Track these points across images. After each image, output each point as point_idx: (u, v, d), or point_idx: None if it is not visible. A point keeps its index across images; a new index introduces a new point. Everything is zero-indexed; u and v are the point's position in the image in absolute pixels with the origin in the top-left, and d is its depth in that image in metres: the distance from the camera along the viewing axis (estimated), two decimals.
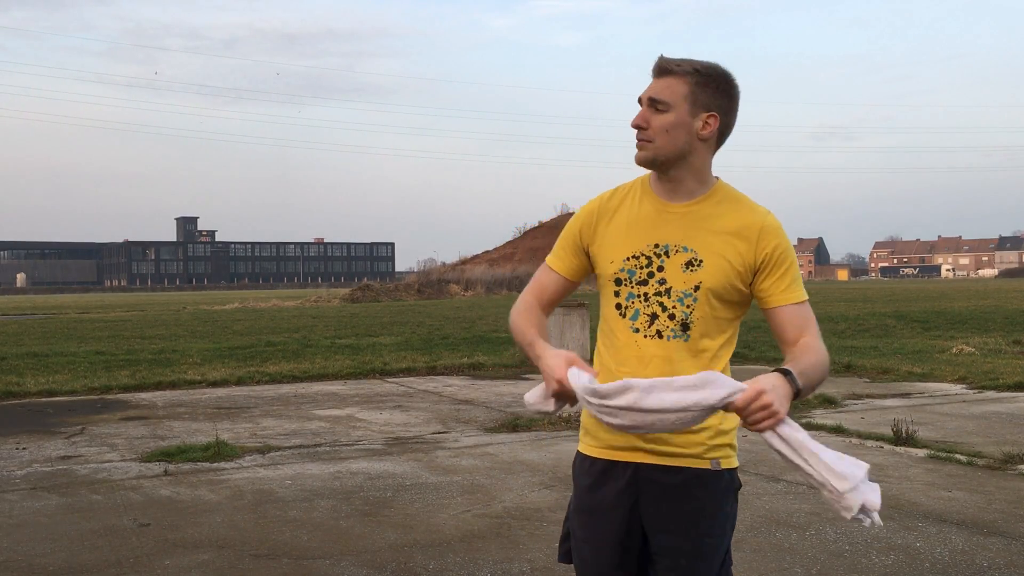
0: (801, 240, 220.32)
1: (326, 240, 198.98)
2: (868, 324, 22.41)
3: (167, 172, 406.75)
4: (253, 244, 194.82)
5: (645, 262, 2.27)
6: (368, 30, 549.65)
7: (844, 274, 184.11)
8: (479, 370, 13.97)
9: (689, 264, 2.25)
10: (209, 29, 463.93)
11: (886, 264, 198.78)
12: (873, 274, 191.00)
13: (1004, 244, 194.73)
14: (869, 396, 10.45)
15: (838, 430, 8.12)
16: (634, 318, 2.28)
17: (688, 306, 2.25)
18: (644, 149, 2.25)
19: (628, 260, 2.29)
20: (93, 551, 4.98)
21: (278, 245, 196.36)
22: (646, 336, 2.26)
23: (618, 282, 2.30)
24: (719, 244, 2.24)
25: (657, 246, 2.27)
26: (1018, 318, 23.56)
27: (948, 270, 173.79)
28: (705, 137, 2.24)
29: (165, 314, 37.58)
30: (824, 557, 4.70)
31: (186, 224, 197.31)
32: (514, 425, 8.70)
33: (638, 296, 2.28)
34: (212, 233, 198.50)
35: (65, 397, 11.41)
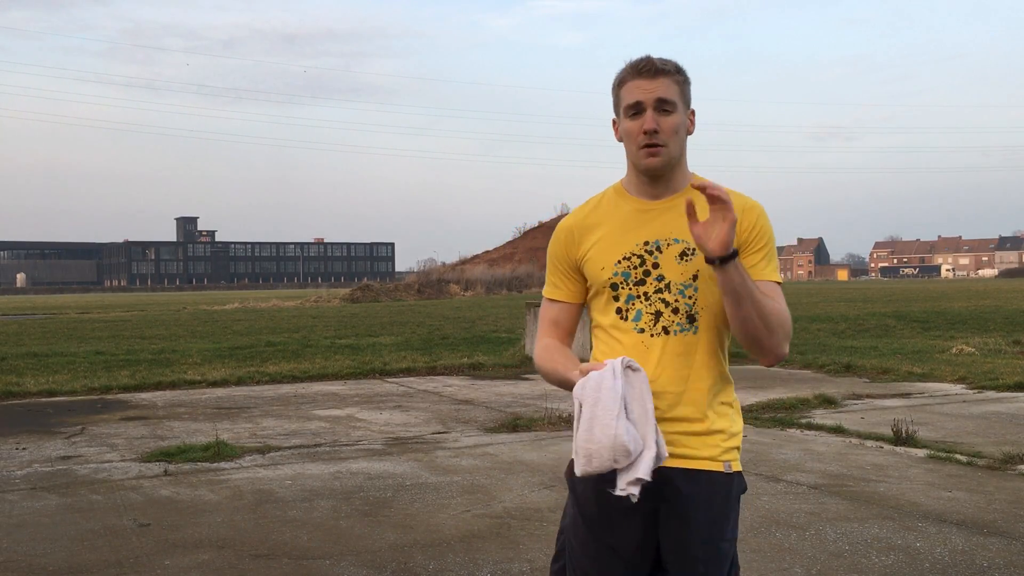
0: (801, 240, 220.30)
1: (326, 240, 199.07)
2: (868, 324, 22.41)
3: (167, 172, 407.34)
4: (253, 244, 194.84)
5: (638, 261, 2.25)
6: (367, 30, 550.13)
7: (844, 274, 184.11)
8: (479, 370, 13.97)
9: (683, 255, 2.23)
10: (208, 29, 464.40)
11: (886, 264, 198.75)
12: (873, 274, 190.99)
13: (1004, 244, 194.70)
14: (869, 396, 10.45)
15: (838, 430, 8.12)
16: (637, 319, 2.25)
17: (690, 297, 2.23)
18: (659, 155, 2.21)
19: (620, 263, 2.26)
20: (93, 551, 4.98)
21: (278, 245, 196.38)
22: (652, 335, 2.23)
23: (614, 287, 2.27)
24: None
25: (647, 243, 2.25)
26: (1018, 318, 23.55)
27: (948, 270, 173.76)
28: (691, 132, 2.28)
29: (165, 314, 37.58)
30: (824, 557, 4.70)
31: (186, 224, 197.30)
32: (514, 425, 8.70)
33: (638, 296, 2.25)
34: (212, 233, 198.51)
35: (65, 397, 11.40)
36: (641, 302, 2.25)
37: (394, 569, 4.64)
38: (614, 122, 2.32)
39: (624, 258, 2.26)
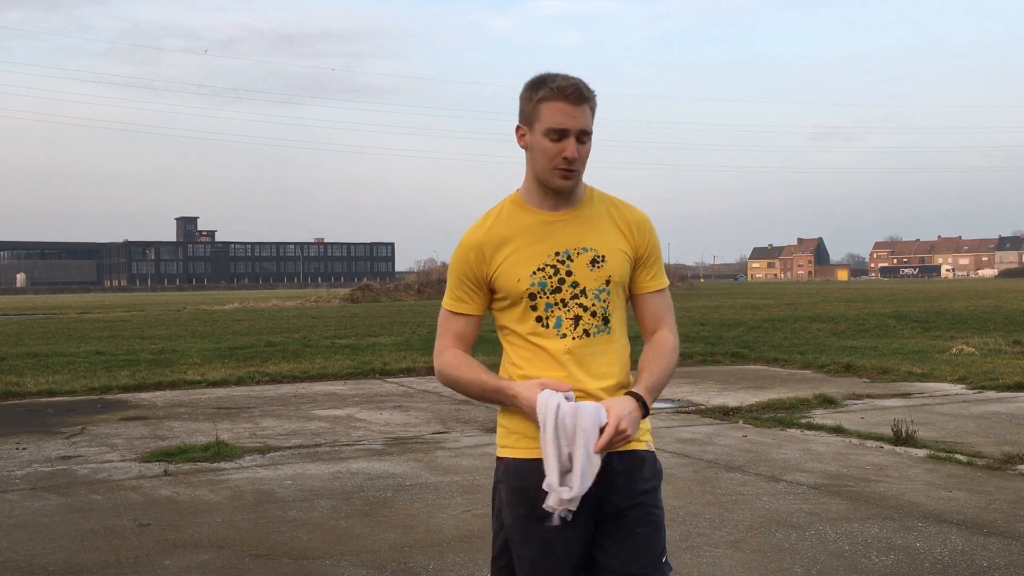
0: (801, 240, 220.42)
1: (326, 240, 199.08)
2: (868, 324, 22.41)
3: (167, 172, 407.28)
4: (253, 244, 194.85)
5: (552, 272, 2.37)
6: (366, 30, 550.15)
7: (844, 274, 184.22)
8: None
9: (594, 262, 2.39)
10: (207, 30, 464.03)
11: (886, 264, 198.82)
12: (873, 274, 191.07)
13: (1004, 244, 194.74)
14: (869, 396, 10.45)
15: (838, 430, 8.12)
16: (558, 325, 2.37)
17: (604, 300, 2.39)
18: (571, 178, 2.35)
19: (535, 274, 2.37)
20: (93, 551, 4.98)
21: (278, 245, 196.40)
22: (574, 339, 2.37)
23: (532, 296, 2.37)
24: (612, 238, 2.41)
25: (558, 254, 2.38)
26: (1018, 318, 23.56)
27: (948, 270, 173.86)
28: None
29: (165, 314, 37.60)
30: (824, 557, 4.70)
31: (186, 224, 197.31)
32: None
33: (555, 304, 2.37)
34: (212, 233, 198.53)
35: (65, 397, 11.41)
36: (559, 309, 2.37)
37: (394, 569, 4.64)
38: (519, 128, 2.39)
39: (539, 269, 2.37)
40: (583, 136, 2.32)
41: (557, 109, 2.29)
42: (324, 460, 7.32)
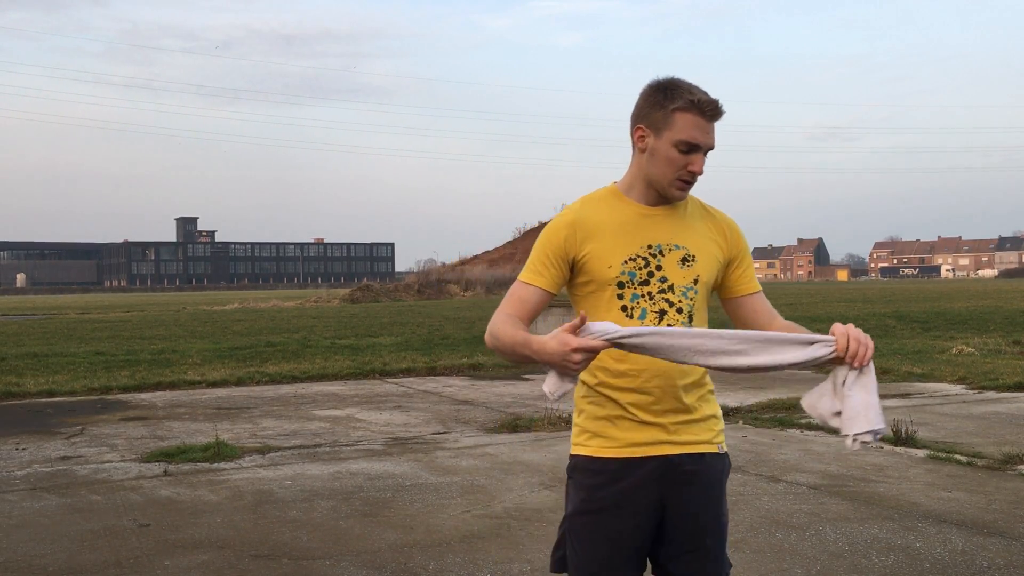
0: (801, 240, 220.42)
1: (326, 240, 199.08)
2: (868, 324, 22.40)
3: (167, 172, 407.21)
4: (253, 244, 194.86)
5: (643, 263, 2.37)
6: (366, 31, 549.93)
7: (844, 274, 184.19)
8: (479, 370, 13.97)
9: (684, 260, 2.39)
10: (206, 30, 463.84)
11: (886, 264, 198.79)
12: (873, 274, 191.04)
13: (1004, 244, 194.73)
14: None
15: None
16: (642, 317, 2.36)
17: (691, 299, 2.40)
18: (685, 189, 2.37)
19: (627, 263, 2.36)
20: (93, 551, 4.98)
21: (278, 245, 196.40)
22: None
23: (620, 285, 2.36)
24: (704, 240, 2.42)
25: (650, 247, 2.38)
26: (1018, 318, 23.56)
27: (948, 270, 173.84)
28: None
29: (165, 314, 37.59)
30: (824, 557, 4.70)
31: (186, 224, 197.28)
32: (514, 425, 8.71)
33: (642, 296, 2.36)
34: (212, 233, 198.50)
35: (65, 397, 11.41)
36: (645, 301, 2.37)
37: (394, 569, 4.64)
38: (640, 129, 2.35)
39: (631, 259, 2.37)
40: (709, 151, 2.35)
41: (693, 123, 2.28)
42: (324, 460, 7.32)
